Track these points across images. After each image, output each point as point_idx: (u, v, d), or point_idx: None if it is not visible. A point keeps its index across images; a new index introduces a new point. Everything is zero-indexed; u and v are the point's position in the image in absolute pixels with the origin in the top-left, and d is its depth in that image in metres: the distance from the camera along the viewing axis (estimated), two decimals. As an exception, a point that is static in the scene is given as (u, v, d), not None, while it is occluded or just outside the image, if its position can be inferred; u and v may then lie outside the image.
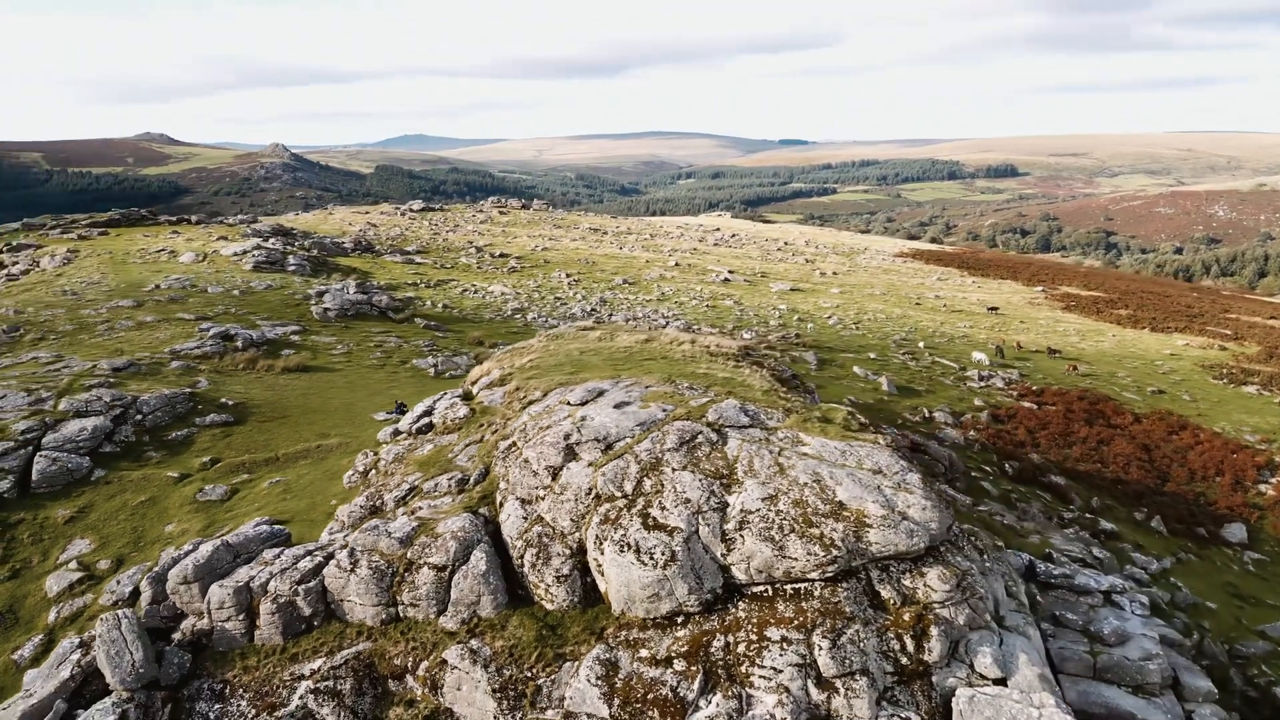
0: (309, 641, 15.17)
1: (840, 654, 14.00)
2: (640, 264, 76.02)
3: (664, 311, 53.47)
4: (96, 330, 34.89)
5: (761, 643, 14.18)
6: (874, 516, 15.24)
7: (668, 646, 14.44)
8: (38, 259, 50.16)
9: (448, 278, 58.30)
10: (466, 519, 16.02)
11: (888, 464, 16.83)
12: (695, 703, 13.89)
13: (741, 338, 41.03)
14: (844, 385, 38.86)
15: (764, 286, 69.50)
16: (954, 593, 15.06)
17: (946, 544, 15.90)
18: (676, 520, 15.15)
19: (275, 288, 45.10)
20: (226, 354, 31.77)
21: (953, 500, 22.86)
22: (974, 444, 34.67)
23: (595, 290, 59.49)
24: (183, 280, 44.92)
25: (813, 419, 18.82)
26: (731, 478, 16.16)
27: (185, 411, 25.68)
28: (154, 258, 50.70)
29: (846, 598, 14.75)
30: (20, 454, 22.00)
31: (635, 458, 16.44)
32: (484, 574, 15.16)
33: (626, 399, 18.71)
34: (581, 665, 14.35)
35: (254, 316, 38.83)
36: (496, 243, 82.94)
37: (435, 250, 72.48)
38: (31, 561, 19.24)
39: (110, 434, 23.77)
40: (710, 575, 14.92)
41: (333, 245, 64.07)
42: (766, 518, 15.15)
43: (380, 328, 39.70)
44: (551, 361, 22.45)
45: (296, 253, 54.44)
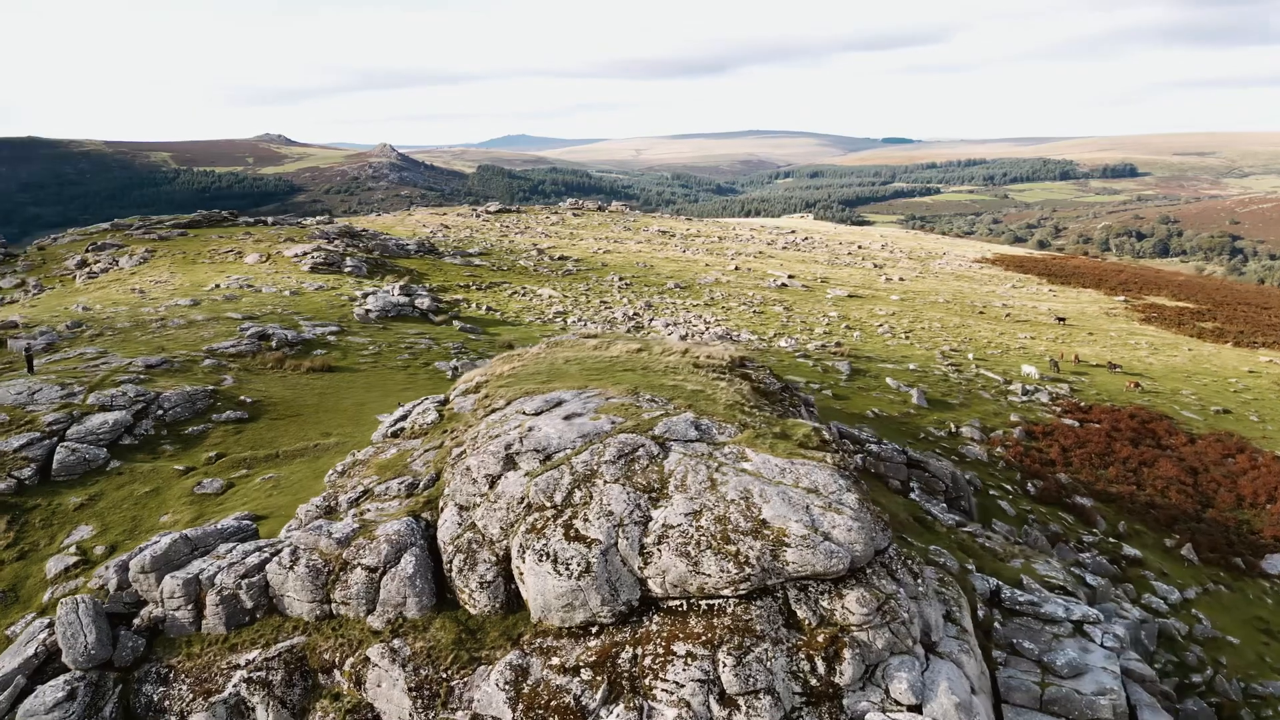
0: (249, 633, 16.06)
1: (744, 672, 14.05)
2: (699, 268, 76.05)
3: (707, 317, 53.46)
4: (149, 328, 37.18)
5: (667, 656, 14.34)
6: (794, 536, 15.20)
7: (577, 656, 14.74)
8: (117, 258, 53.64)
9: (501, 280, 59.62)
10: (404, 523, 16.66)
11: (825, 483, 16.73)
12: (596, 712, 14.15)
13: (749, 347, 40.77)
14: (871, 397, 38.22)
15: (820, 293, 68.63)
16: (873, 616, 14.91)
17: (874, 566, 15.73)
18: (597, 533, 15.43)
19: (325, 289, 47.11)
20: (259, 353, 33.45)
21: (925, 521, 22.40)
22: (998, 461, 33.67)
23: (644, 295, 59.88)
24: (241, 281, 47.37)
25: (766, 435, 18.80)
26: (662, 492, 16.33)
27: (205, 408, 27.23)
28: (222, 258, 53.60)
29: (759, 616, 14.77)
30: (44, 444, 23.77)
31: (570, 469, 16.78)
32: (410, 577, 15.76)
33: (580, 410, 19.05)
34: (494, 670, 14.78)
35: (298, 317, 40.68)
36: (560, 245, 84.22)
37: (497, 253, 74.13)
38: (39, 544, 20.82)
39: (130, 428, 25.43)
40: (627, 588, 15.14)
41: (396, 247, 66.27)
42: (686, 533, 15.29)
43: (416, 329, 41.04)
44: (531, 370, 22.95)
45: (355, 254, 56.60)
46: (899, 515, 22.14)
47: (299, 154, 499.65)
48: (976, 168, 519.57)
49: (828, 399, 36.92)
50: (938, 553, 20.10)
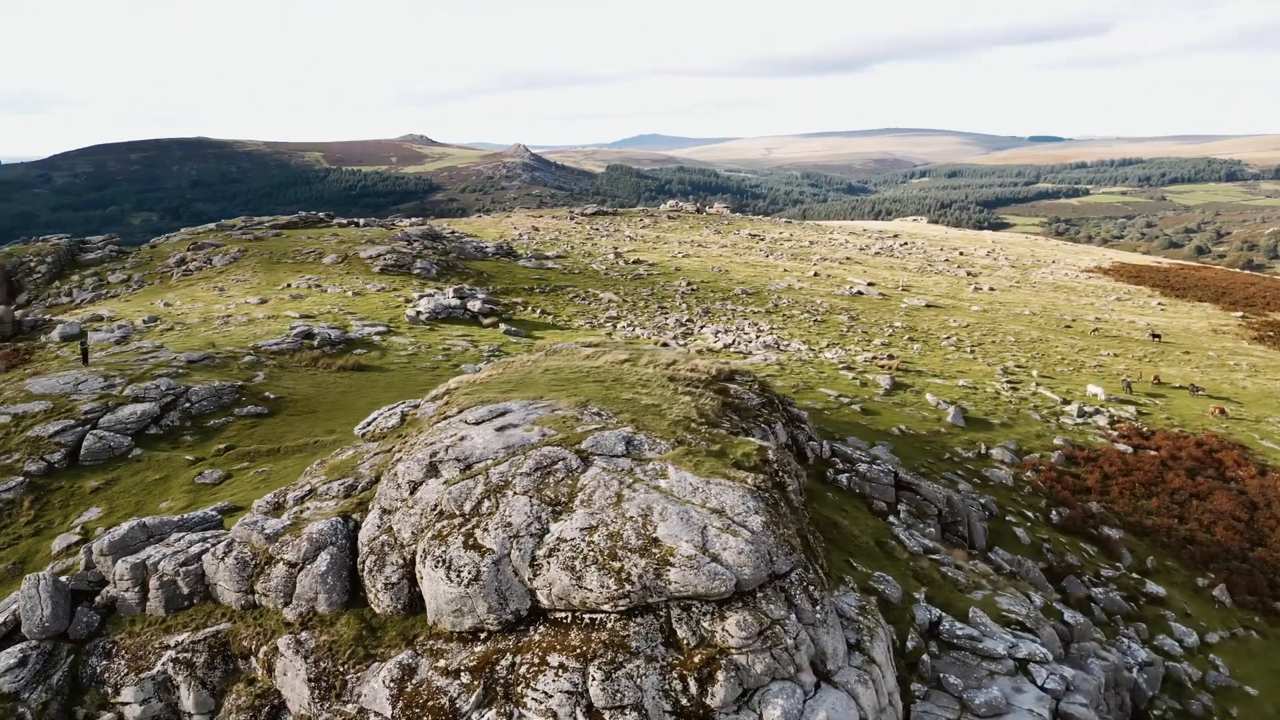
0: (184, 617, 17.37)
1: (612, 687, 14.30)
2: (775, 274, 75.32)
3: (762, 325, 53.02)
4: (213, 324, 39.99)
5: (541, 667, 14.73)
6: (680, 556, 15.31)
7: (461, 660, 15.31)
8: (211, 258, 57.74)
9: (566, 284, 60.83)
10: (328, 522, 17.62)
11: (733, 504, 16.72)
12: (469, 715, 14.69)
13: (764, 365, 40.15)
14: (903, 413, 37.19)
15: (895, 302, 66.83)
16: (753, 640, 14.88)
17: (767, 590, 15.62)
18: (492, 543, 15.94)
19: (387, 290, 49.38)
20: (299, 350, 35.53)
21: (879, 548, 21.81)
22: (1025, 486, 32.23)
23: (707, 301, 59.87)
24: (311, 281, 50.20)
25: (699, 453, 18.88)
26: (567, 506, 16.69)
27: (229, 402, 29.23)
28: (303, 259, 56.90)
29: (637, 633, 14.96)
30: (76, 431, 26.13)
31: (486, 479, 17.35)
32: (323, 574, 16.68)
33: (518, 422, 19.59)
34: (385, 667, 15.52)
35: (351, 317, 42.86)
36: (641, 249, 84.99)
37: (574, 256, 75.52)
38: (54, 523, 22.97)
39: (158, 419, 27.60)
40: (516, 597, 15.60)
41: (474, 249, 68.53)
42: (577, 547, 15.61)
43: (460, 332, 42.54)
44: (503, 378, 23.65)
45: (428, 256, 58.92)
46: (858, 539, 21.70)
47: (439, 154, 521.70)
48: (1131, 167, 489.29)
49: (854, 414, 36.17)
50: (881, 579, 19.65)
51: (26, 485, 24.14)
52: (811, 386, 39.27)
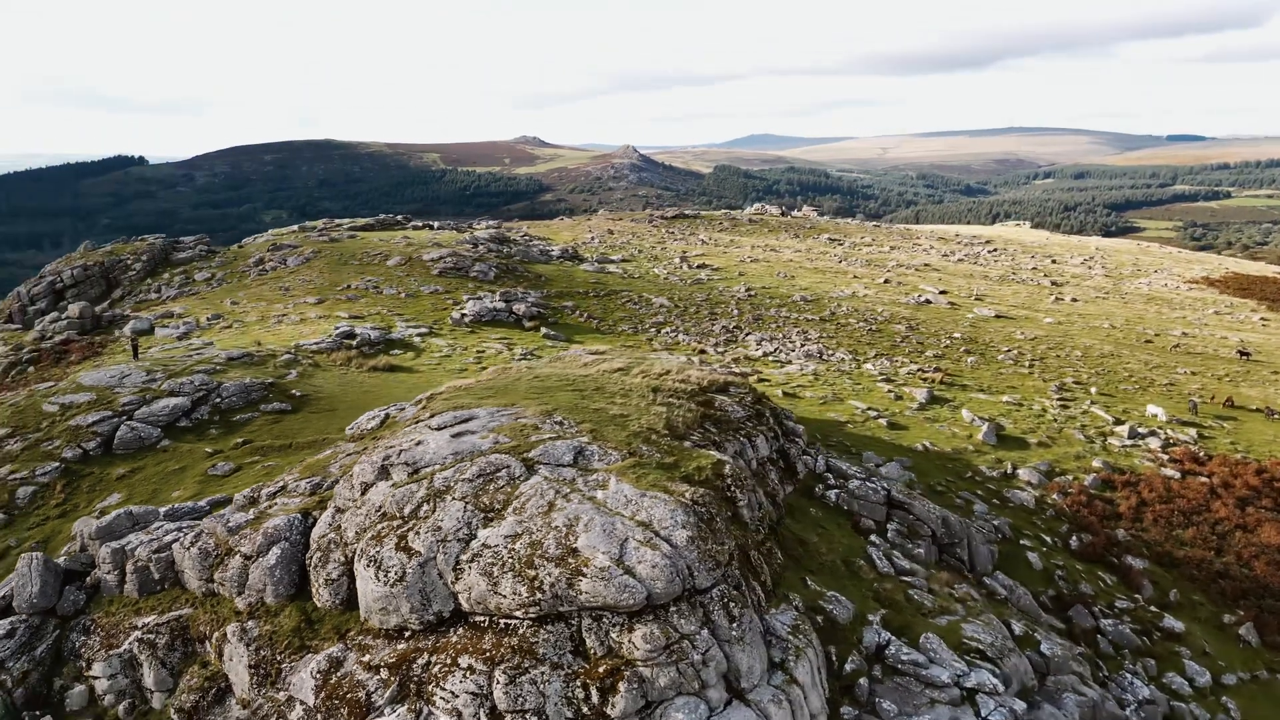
0: (153, 600, 18.67)
1: (515, 691, 14.75)
2: (843, 281, 74.11)
3: (811, 334, 52.35)
4: (268, 322, 42.24)
5: (452, 667, 15.30)
6: (594, 567, 15.62)
7: (383, 656, 16.01)
8: (286, 258, 60.80)
9: (622, 288, 61.44)
10: (286, 519, 18.61)
11: (661, 518, 16.92)
12: (381, 709, 15.37)
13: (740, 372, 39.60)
14: (932, 429, 36.24)
15: (964, 312, 64.81)
16: (658, 654, 15.08)
17: (682, 605, 15.76)
18: (421, 546, 16.59)
19: (441, 292, 51.02)
20: (338, 350, 37.21)
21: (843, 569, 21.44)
22: (1048, 509, 31.00)
23: (761, 308, 59.45)
24: (371, 283, 52.32)
25: (649, 465, 19.17)
26: (500, 513, 17.21)
27: (257, 398, 30.93)
28: (369, 260, 59.28)
29: (545, 640, 15.36)
30: (113, 421, 28.17)
31: (429, 484, 18.03)
32: (271, 567, 17.65)
33: (476, 429, 20.22)
34: (315, 658, 16.37)
35: (399, 319, 44.55)
36: (711, 253, 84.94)
37: (639, 259, 76.13)
38: (79, 506, 24.87)
39: (188, 412, 29.47)
40: (440, 599, 16.21)
41: (539, 252, 69.94)
42: (498, 554, 16.11)
43: (500, 335, 43.65)
44: (488, 384, 24.32)
45: (488, 260, 60.50)
46: (824, 557, 21.45)
47: (550, 155, 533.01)
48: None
49: (878, 428, 35.46)
50: (833, 599, 19.40)
51: (61, 470, 26.20)
52: (841, 398, 38.69)
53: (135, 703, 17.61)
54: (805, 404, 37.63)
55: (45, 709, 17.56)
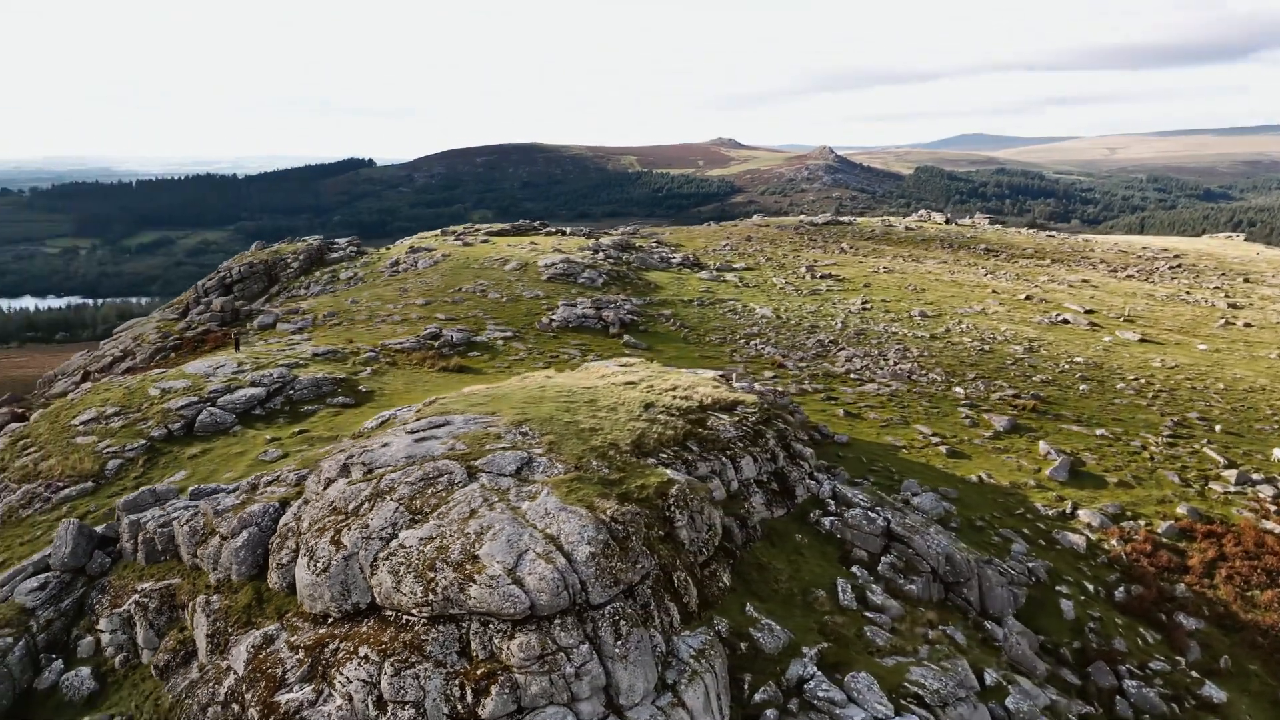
0: (156, 569, 21.22)
1: (399, 683, 15.91)
2: (978, 296, 70.42)
3: (912, 352, 50.32)
4: (373, 322, 45.76)
5: (352, 655, 16.65)
6: (485, 575, 16.52)
7: (306, 638, 17.59)
8: (418, 260, 65.19)
9: (730, 297, 61.44)
10: (263, 506, 20.63)
11: (569, 533, 17.58)
12: (291, 685, 16.95)
13: (756, 393, 38.21)
14: (997, 459, 34.25)
15: (1103, 335, 59.96)
16: (532, 663, 15.81)
17: (566, 618, 16.36)
18: (349, 541, 18.05)
19: (540, 298, 53.18)
20: (419, 350, 39.87)
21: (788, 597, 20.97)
22: (1100, 555, 28.67)
23: (870, 322, 57.69)
24: (480, 286, 55.27)
25: (590, 480, 19.87)
26: (426, 516, 18.40)
27: (326, 392, 33.83)
28: (489, 263, 62.53)
29: (435, 639, 16.42)
30: (198, 406, 31.76)
31: (376, 484, 19.48)
32: (238, 549, 19.67)
33: (442, 434, 21.50)
34: (254, 634, 18.20)
35: (492, 322, 46.96)
36: (844, 263, 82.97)
37: (763, 268, 75.60)
38: (152, 479, 28.27)
39: (263, 401, 32.72)
40: (359, 591, 17.61)
41: (659, 260, 71.05)
42: (408, 555, 17.31)
43: (580, 341, 45.06)
44: (489, 392, 25.59)
45: (600, 266, 62.25)
46: (780, 585, 21.17)
47: (744, 156, 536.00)
48: None
49: (936, 455, 33.93)
50: (766, 627, 19.20)
51: (146, 447, 29.89)
52: (908, 422, 37.25)
53: (129, 656, 20.14)
54: (865, 425, 36.54)
55: (60, 653, 20.45)
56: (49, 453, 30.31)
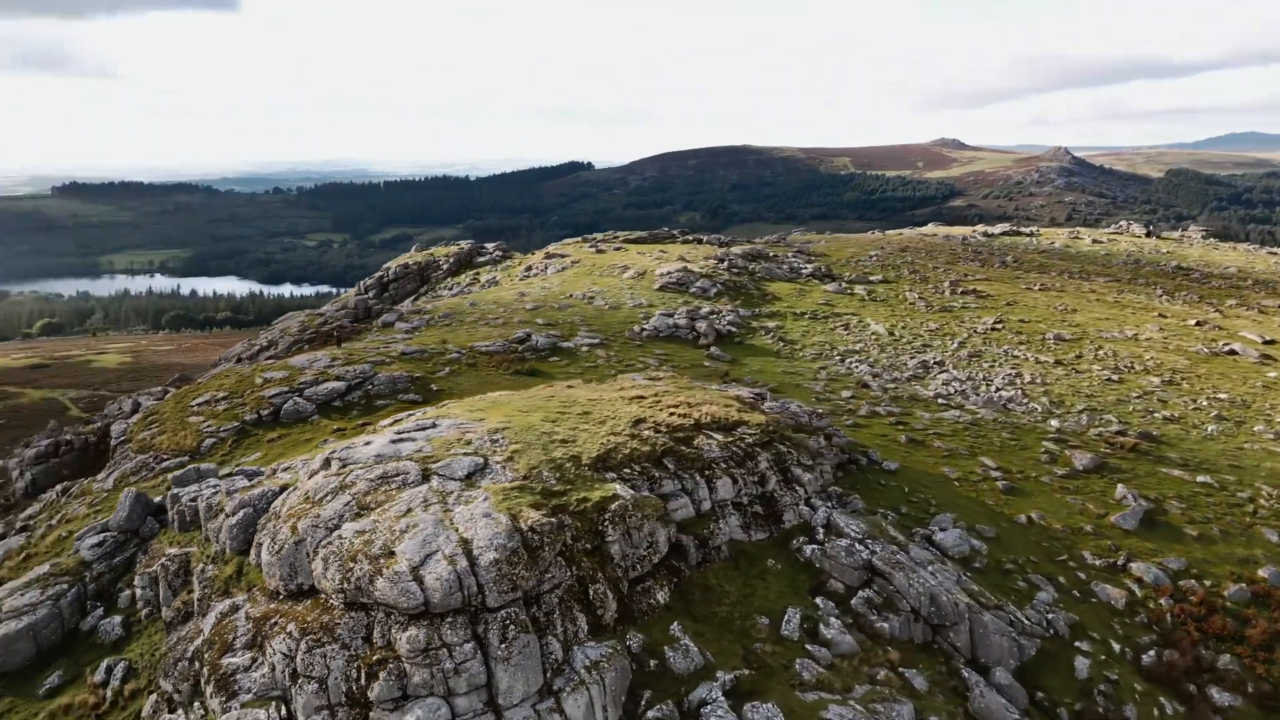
0: (183, 538, 24.42)
1: (309, 659, 17.89)
2: (1136, 319, 64.58)
3: (1025, 378, 47.15)
4: (478, 324, 48.87)
5: (282, 629, 18.77)
6: (391, 570, 18.16)
7: (258, 610, 19.93)
8: (548, 266, 68.31)
9: (848, 311, 59.95)
10: (263, 490, 23.24)
11: (482, 538, 18.90)
12: (237, 650, 19.31)
13: (766, 414, 36.42)
14: (1061, 499, 31.88)
15: (1268, 370, 53.39)
16: (417, 655, 17.32)
17: (458, 617, 17.61)
18: (303, 527, 20.19)
19: (644, 305, 54.40)
20: (502, 353, 42.29)
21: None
22: (1140, 613, 26.23)
23: (994, 343, 54.46)
24: (592, 293, 57.31)
25: (532, 490, 20.99)
26: (370, 511, 20.22)
27: (400, 389, 36.78)
28: (609, 270, 64.50)
29: (346, 624, 18.24)
30: (286, 396, 35.57)
31: (344, 478, 21.55)
32: (233, 526, 22.34)
33: (416, 437, 23.28)
34: (225, 601, 20.78)
35: (584, 328, 48.77)
36: (995, 277, 78.36)
37: (899, 281, 72.91)
38: (233, 458, 32.18)
39: (343, 395, 36.09)
40: (303, 574, 19.75)
41: (788, 270, 70.34)
42: (342, 545, 19.22)
43: (664, 351, 45.86)
44: (496, 398, 27.18)
45: (718, 276, 62.67)
46: (720, 610, 21.26)
47: (968, 158, 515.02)
48: None
49: (990, 491, 32.08)
50: (683, 648, 19.54)
51: (237, 430, 33.95)
52: (974, 453, 35.36)
53: (152, 611, 23.41)
54: (925, 454, 35.06)
55: (104, 602, 24.07)
56: (165, 429, 35.06)
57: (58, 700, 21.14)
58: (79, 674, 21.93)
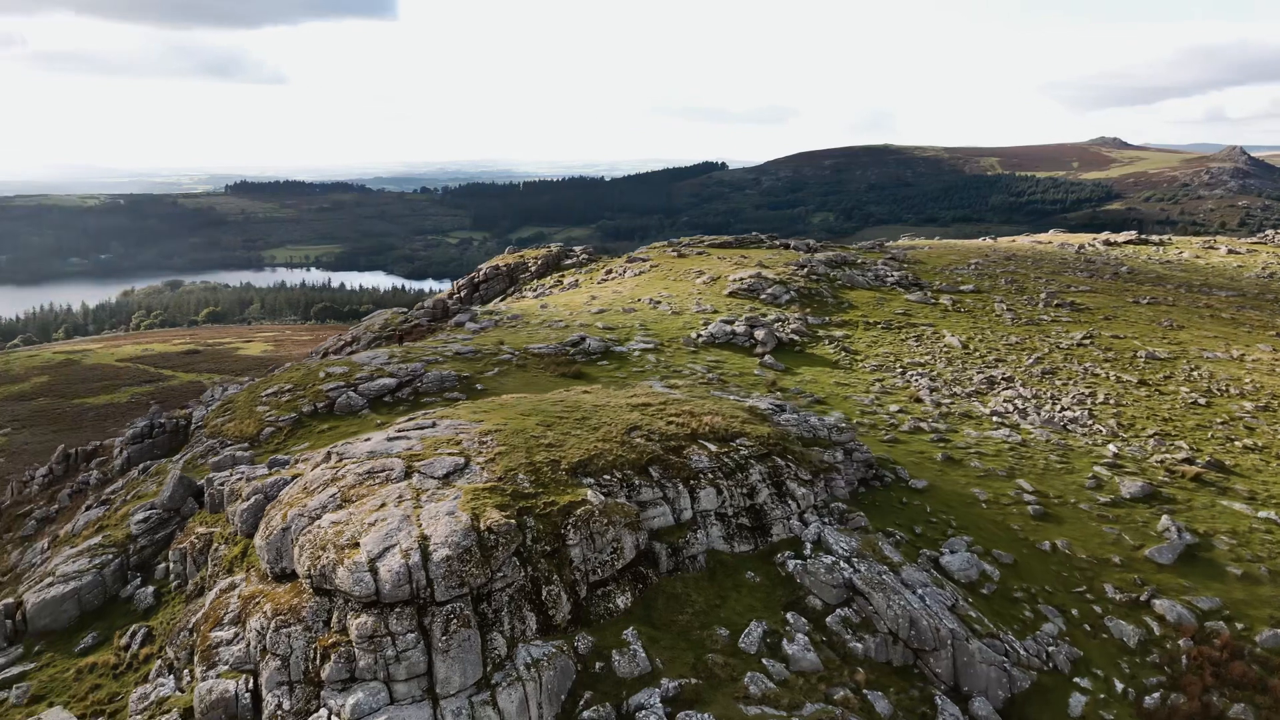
0: (211, 519, 26.68)
1: (275, 637, 19.57)
2: (1248, 340, 60.08)
3: (1099, 398, 44.71)
4: (540, 326, 50.37)
5: (260, 608, 20.49)
6: (351, 561, 19.56)
7: (250, 589, 21.76)
8: (627, 269, 69.37)
9: (928, 321, 58.23)
10: (276, 479, 25.11)
11: (439, 536, 20.13)
12: (225, 625, 21.17)
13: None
14: (1094, 528, 30.41)
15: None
16: (364, 641, 18.72)
17: (404, 608, 18.81)
18: (290, 515, 21.85)
19: (708, 311, 54.61)
20: (551, 355, 43.58)
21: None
22: (1152, 652, 24.86)
23: (1075, 360, 51.80)
24: (658, 298, 57.92)
25: (502, 492, 22.02)
26: (350, 503, 21.67)
27: (448, 387, 38.54)
28: (682, 276, 64.89)
29: (310, 607, 19.81)
30: (342, 390, 37.88)
31: (336, 471, 23.12)
32: (244, 511, 24.29)
33: (411, 436, 24.61)
34: (227, 579, 22.73)
35: (642, 333, 49.50)
36: (1101, 289, 74.26)
37: (994, 290, 70.10)
38: (285, 446, 34.63)
39: (393, 390, 38.14)
40: (287, 558, 21.49)
41: (872, 278, 68.87)
42: (317, 534, 20.78)
43: (715, 358, 46.02)
44: (504, 400, 28.30)
45: (793, 283, 62.13)
46: (679, 619, 21.65)
47: (1129, 158, 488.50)
48: None
49: (1020, 516, 30.91)
50: (629, 653, 20.08)
51: (294, 420, 36.45)
52: (1012, 476, 34.09)
53: (180, 584, 25.76)
54: (959, 473, 34.06)
55: (142, 573, 26.62)
56: (235, 416, 38.02)
57: (88, 659, 23.62)
58: (110, 636, 24.42)
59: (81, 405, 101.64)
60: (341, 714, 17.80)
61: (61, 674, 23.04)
